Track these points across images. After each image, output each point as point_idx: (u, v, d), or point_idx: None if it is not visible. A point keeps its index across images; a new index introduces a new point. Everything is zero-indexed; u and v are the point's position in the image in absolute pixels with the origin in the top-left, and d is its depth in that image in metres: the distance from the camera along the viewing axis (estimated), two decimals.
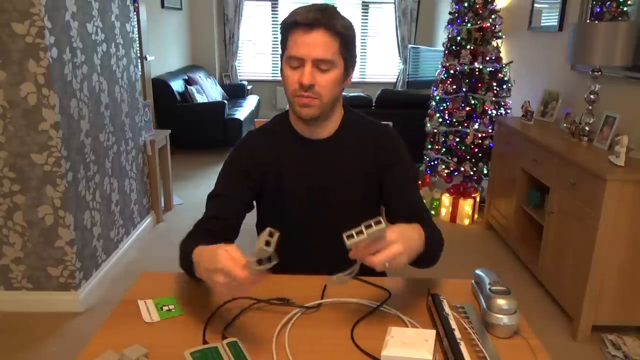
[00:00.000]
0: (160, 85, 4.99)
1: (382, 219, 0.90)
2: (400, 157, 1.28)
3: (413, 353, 0.84)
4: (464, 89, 3.70)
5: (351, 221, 1.27)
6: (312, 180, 1.26)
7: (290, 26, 1.13)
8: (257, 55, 7.16)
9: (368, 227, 0.89)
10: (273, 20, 6.97)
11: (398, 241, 0.93)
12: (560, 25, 3.27)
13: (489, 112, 3.65)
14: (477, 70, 3.65)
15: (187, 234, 1.18)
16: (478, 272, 1.09)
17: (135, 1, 3.85)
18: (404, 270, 1.22)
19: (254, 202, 1.32)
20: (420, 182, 3.95)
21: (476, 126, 3.68)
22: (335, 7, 1.16)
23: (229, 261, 0.87)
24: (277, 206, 1.30)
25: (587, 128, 2.58)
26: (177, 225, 3.48)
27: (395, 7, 6.67)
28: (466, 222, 3.64)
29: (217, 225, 1.19)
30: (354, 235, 0.89)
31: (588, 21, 2.90)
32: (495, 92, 3.65)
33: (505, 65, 3.71)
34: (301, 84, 1.12)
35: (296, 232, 1.31)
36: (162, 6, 5.40)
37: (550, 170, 2.54)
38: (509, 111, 3.73)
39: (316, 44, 1.10)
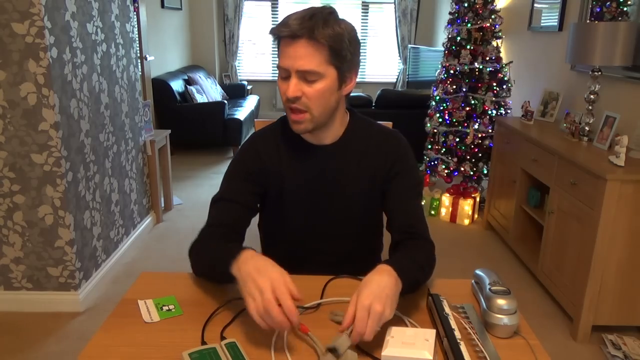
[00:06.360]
0: (160, 85, 4.99)
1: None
2: (406, 166, 1.24)
3: (413, 353, 0.84)
4: (464, 89, 3.70)
5: (352, 227, 1.27)
6: (315, 185, 1.24)
7: (275, 37, 1.10)
8: (257, 55, 7.16)
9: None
10: (273, 20, 6.97)
11: (372, 303, 0.88)
12: (560, 25, 3.27)
13: (489, 112, 3.65)
14: (477, 70, 3.65)
15: (194, 241, 1.17)
16: (478, 272, 1.09)
17: (135, 1, 3.85)
18: None
19: (258, 205, 1.29)
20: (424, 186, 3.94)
21: (476, 126, 3.68)
22: (331, 11, 1.09)
23: (282, 289, 0.88)
24: (279, 210, 1.29)
25: (587, 128, 2.58)
26: (177, 226, 3.48)
27: (395, 7, 6.67)
28: (466, 222, 3.63)
29: (223, 232, 1.17)
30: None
31: (588, 21, 2.90)
32: (495, 92, 3.65)
33: (505, 65, 3.71)
34: (286, 97, 1.10)
35: (296, 236, 1.30)
36: (162, 6, 5.40)
37: (550, 170, 2.54)
38: (509, 111, 3.73)
39: (298, 55, 1.05)
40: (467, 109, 3.70)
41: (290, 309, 0.86)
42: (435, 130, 3.89)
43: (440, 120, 3.81)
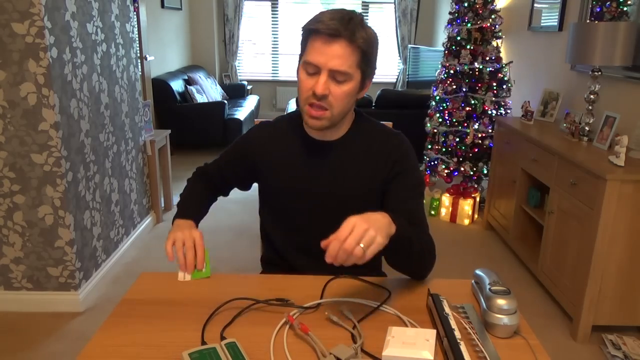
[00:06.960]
0: (160, 85, 4.99)
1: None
2: (407, 167, 1.25)
3: (414, 353, 0.84)
4: (464, 89, 3.70)
5: None
6: (314, 180, 1.25)
7: (312, 32, 1.11)
8: (257, 55, 7.16)
9: None
10: (273, 20, 6.97)
11: (357, 220, 0.92)
12: (560, 25, 3.27)
13: (489, 112, 3.65)
14: (477, 70, 3.65)
15: (199, 171, 1.44)
16: (478, 272, 1.09)
17: (135, 1, 3.85)
18: None
19: (246, 184, 1.42)
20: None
21: (476, 126, 3.68)
22: (362, 16, 1.13)
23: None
24: (279, 205, 1.30)
25: (587, 128, 2.58)
26: None
27: (395, 7, 6.67)
28: (466, 222, 3.63)
29: (210, 182, 1.42)
30: None
31: (588, 21, 2.90)
32: (495, 92, 3.65)
33: (505, 65, 3.71)
34: (314, 93, 1.11)
35: (295, 232, 1.31)
36: (162, 6, 5.40)
37: (550, 170, 2.54)
38: (509, 111, 3.73)
39: (335, 55, 1.08)
40: (467, 109, 3.70)
41: (200, 257, 1.13)
42: (435, 130, 3.89)
43: (440, 120, 3.81)
